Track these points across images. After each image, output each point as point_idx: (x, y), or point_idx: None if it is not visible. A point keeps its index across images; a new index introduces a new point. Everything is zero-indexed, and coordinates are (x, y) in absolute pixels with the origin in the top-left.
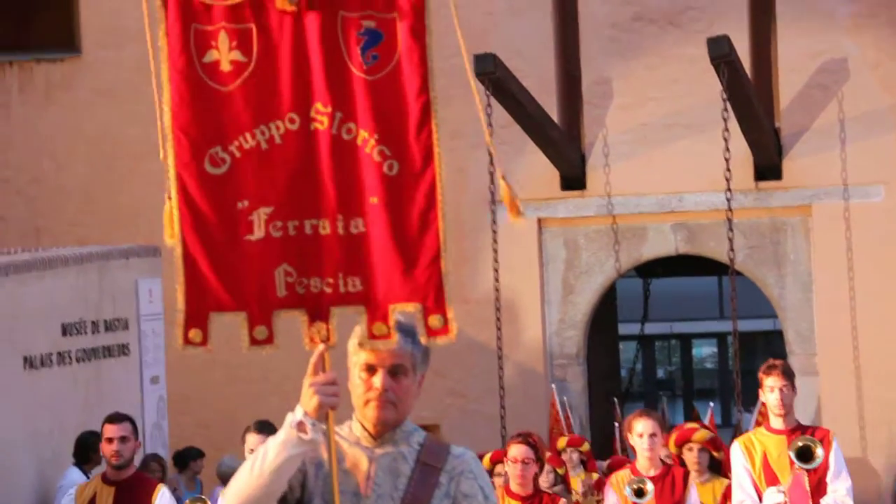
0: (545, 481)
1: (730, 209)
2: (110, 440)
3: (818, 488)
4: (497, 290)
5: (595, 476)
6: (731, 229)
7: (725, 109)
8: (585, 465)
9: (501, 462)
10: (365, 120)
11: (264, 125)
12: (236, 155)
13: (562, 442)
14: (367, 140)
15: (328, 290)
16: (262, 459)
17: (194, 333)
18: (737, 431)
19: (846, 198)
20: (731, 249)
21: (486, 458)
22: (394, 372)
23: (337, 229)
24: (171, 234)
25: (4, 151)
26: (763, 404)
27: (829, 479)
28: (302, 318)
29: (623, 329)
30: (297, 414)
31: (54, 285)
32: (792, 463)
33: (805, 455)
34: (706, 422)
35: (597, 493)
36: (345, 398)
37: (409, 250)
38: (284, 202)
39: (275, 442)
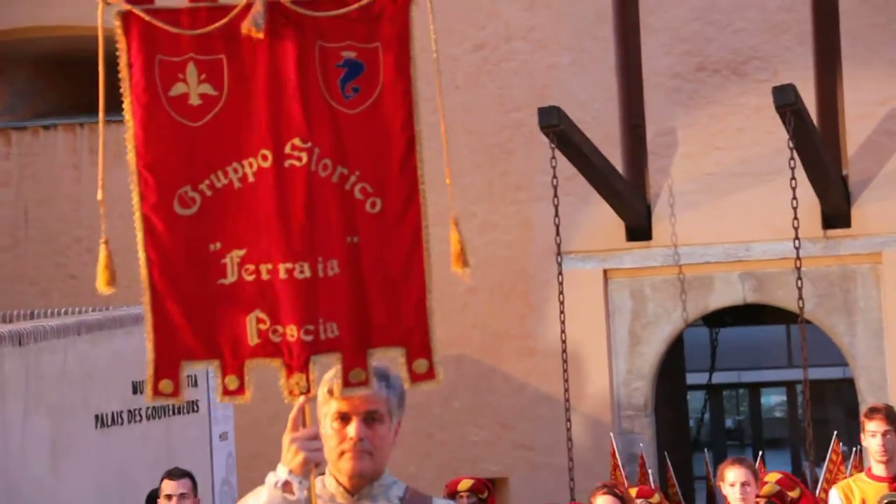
0: None
1: (798, 258)
2: (169, 497)
3: None
4: (563, 341)
5: None
6: (799, 278)
7: (792, 158)
8: None
9: None
10: (344, 156)
11: (237, 162)
12: (207, 194)
13: (632, 493)
14: (346, 177)
15: (307, 338)
16: None
17: (165, 384)
18: (805, 482)
19: None
20: (801, 298)
21: None
22: (369, 419)
23: (317, 272)
24: (105, 282)
25: (76, 211)
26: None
27: None
28: (279, 370)
29: (691, 379)
30: (280, 473)
31: (125, 343)
32: None
33: None
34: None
35: None
36: None
37: (391, 292)
38: (257, 244)
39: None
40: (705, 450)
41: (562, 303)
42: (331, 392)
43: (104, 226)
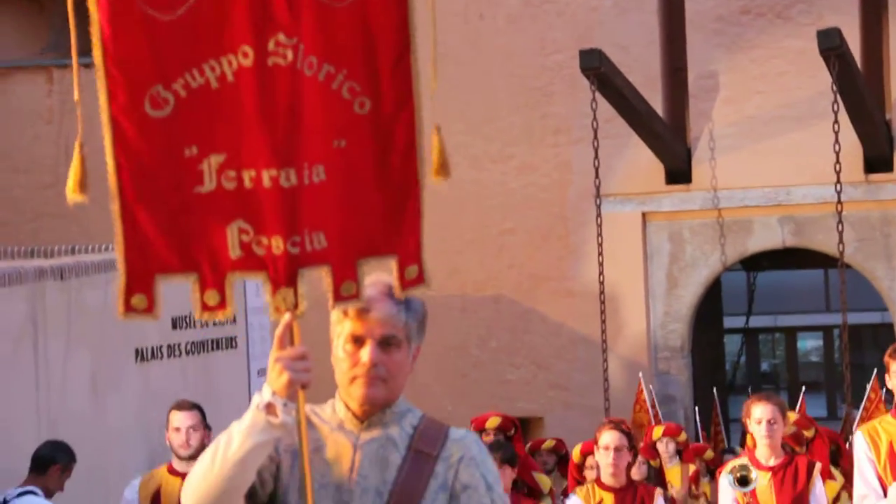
0: (637, 473)
1: (839, 202)
2: (178, 429)
3: None
4: (601, 283)
5: (692, 468)
6: (840, 222)
7: (835, 102)
8: (681, 455)
9: (592, 454)
10: (331, 53)
11: (214, 60)
12: (182, 95)
13: (657, 431)
14: (333, 75)
15: (294, 250)
16: (225, 448)
17: (138, 300)
18: (844, 426)
19: None
20: (841, 242)
21: (576, 450)
22: (385, 344)
23: (303, 179)
24: (75, 188)
25: None
26: (873, 391)
27: None
28: (265, 285)
29: (728, 322)
30: (264, 394)
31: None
32: None
33: None
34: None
35: (693, 487)
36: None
37: (379, 197)
38: (238, 149)
39: (239, 427)
40: (749, 390)
41: (600, 245)
42: (345, 312)
43: (81, 128)
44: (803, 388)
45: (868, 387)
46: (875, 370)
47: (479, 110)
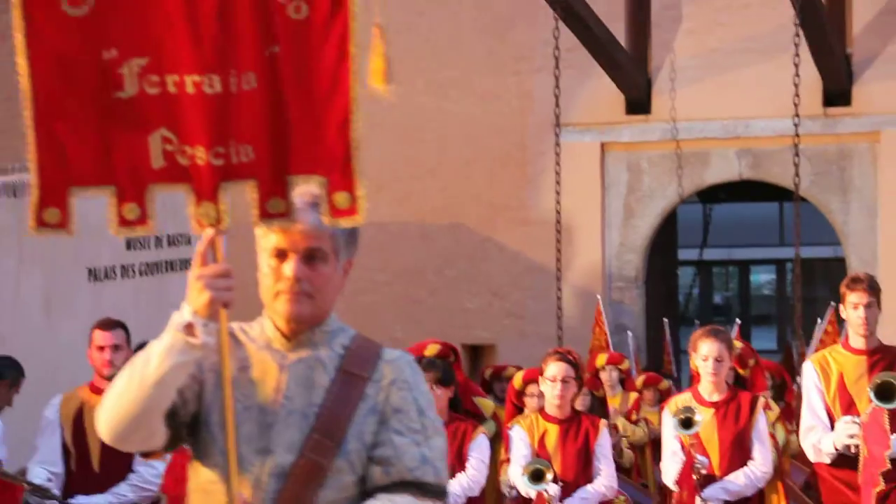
0: (580, 404)
1: (797, 135)
2: (101, 348)
3: None
4: (558, 212)
5: (634, 396)
6: (797, 154)
7: (797, 35)
8: (624, 384)
9: (535, 382)
10: None
11: None
12: None
13: (601, 359)
14: None
15: (217, 161)
16: (143, 369)
17: (50, 214)
18: (788, 357)
19: None
20: (797, 175)
21: (518, 376)
22: (310, 258)
23: (229, 87)
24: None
25: None
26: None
27: None
28: (188, 197)
29: (682, 254)
30: (183, 313)
31: None
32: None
33: (886, 393)
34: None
35: (635, 413)
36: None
37: (313, 112)
38: (162, 52)
39: (158, 348)
40: (696, 323)
41: (558, 174)
42: (270, 226)
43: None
44: (737, 321)
45: (825, 320)
46: (832, 304)
47: (443, 37)
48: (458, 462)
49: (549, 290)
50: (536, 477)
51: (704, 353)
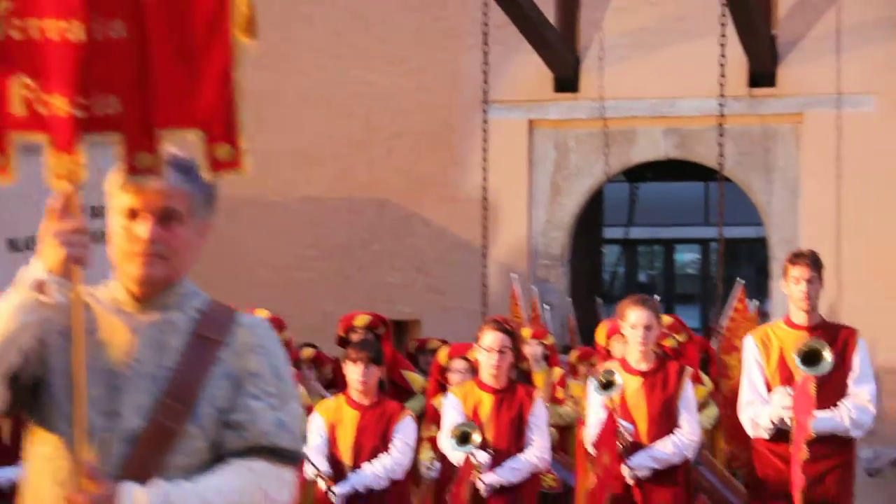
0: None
1: (722, 115)
2: None
3: (836, 391)
4: (484, 188)
5: (558, 372)
6: (721, 135)
7: (724, 15)
8: (548, 360)
9: (460, 357)
10: None
11: None
12: None
13: (525, 334)
14: None
15: (79, 113)
16: None
17: None
18: (710, 334)
19: (838, 107)
20: (721, 155)
21: (444, 352)
22: (165, 218)
23: (94, 34)
24: None
25: None
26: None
27: (851, 381)
28: (46, 148)
29: (608, 233)
30: (35, 271)
31: (41, 168)
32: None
33: (811, 359)
34: None
35: (560, 391)
36: None
37: (188, 62)
38: None
39: (6, 305)
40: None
41: (485, 151)
42: (123, 183)
43: None
44: (656, 297)
45: (734, 297)
46: (741, 281)
47: (372, 11)
48: (382, 443)
49: (475, 267)
50: (463, 439)
51: (633, 321)
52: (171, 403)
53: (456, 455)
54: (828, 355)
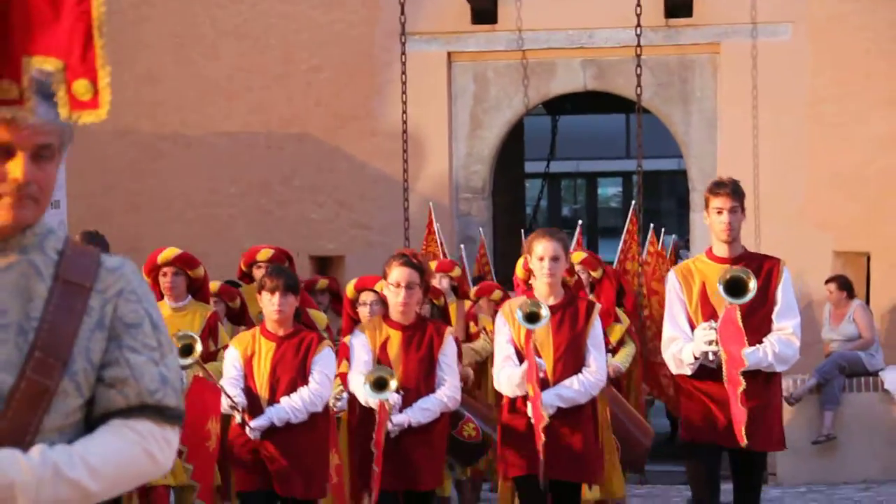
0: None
1: (639, 45)
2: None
3: (761, 325)
4: (405, 122)
5: (467, 304)
6: (639, 65)
7: None
8: (457, 292)
9: (368, 290)
10: None
11: None
12: None
13: (431, 266)
14: None
15: None
16: None
17: None
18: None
19: (754, 36)
20: (639, 86)
21: (351, 285)
22: (38, 156)
23: None
24: None
25: None
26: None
27: (774, 315)
28: None
29: (531, 167)
30: None
31: None
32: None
33: (735, 288)
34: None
35: (474, 325)
36: None
37: None
38: None
39: None
40: None
41: (404, 84)
42: None
43: None
44: (579, 223)
45: (646, 239)
46: (651, 226)
47: None
48: (301, 376)
49: (396, 201)
50: (379, 385)
51: (540, 252)
52: (43, 357)
53: (369, 399)
54: (752, 284)
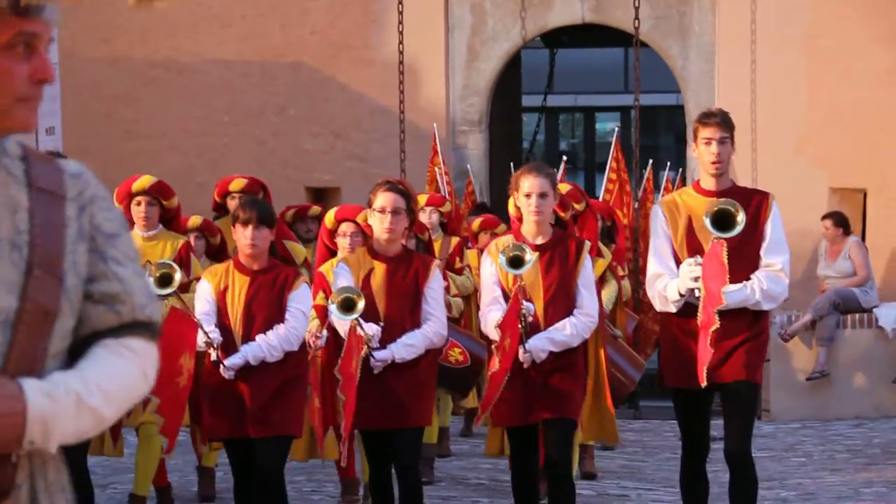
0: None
1: None
2: None
3: (749, 261)
4: (401, 52)
5: (455, 240)
6: None
7: None
8: (445, 228)
9: (349, 221)
10: None
11: None
12: None
13: (420, 201)
14: None
15: None
16: None
17: None
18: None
19: None
20: (637, 18)
21: (330, 215)
22: (38, 51)
23: None
24: None
25: None
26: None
27: (763, 250)
28: None
29: (527, 101)
30: None
31: None
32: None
33: (723, 222)
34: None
35: (458, 260)
36: None
37: None
38: None
39: None
40: None
41: (401, 13)
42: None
43: None
44: (563, 158)
45: (644, 173)
46: (651, 161)
47: None
48: (277, 313)
49: (392, 133)
50: (346, 307)
51: (527, 189)
52: (42, 276)
53: (342, 325)
54: (741, 217)
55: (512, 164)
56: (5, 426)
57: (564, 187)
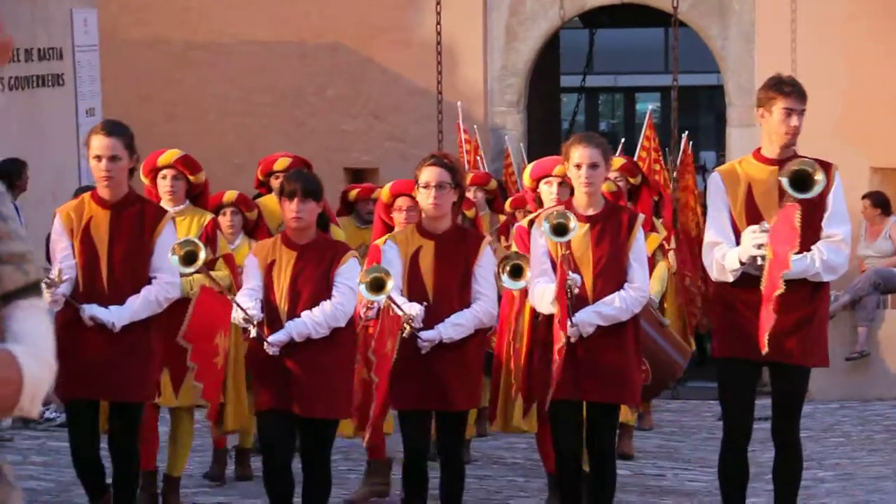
0: None
1: None
2: (99, 157)
3: (810, 232)
4: (439, 33)
5: (501, 219)
6: None
7: None
8: (492, 205)
9: (405, 195)
10: None
11: None
12: None
13: (467, 178)
14: None
15: None
16: None
17: None
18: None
19: None
20: None
21: (386, 189)
22: None
23: None
24: None
25: None
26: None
27: (824, 221)
28: None
29: (567, 81)
30: None
31: None
32: (783, 194)
33: (801, 183)
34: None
35: (504, 239)
36: None
37: None
38: None
39: None
40: None
41: None
42: None
43: None
44: (622, 141)
45: (679, 149)
46: (686, 132)
47: None
48: (324, 288)
49: (430, 114)
50: (376, 286)
51: (577, 159)
52: None
53: (372, 300)
54: (819, 176)
55: (559, 145)
56: (5, 394)
57: (619, 161)
